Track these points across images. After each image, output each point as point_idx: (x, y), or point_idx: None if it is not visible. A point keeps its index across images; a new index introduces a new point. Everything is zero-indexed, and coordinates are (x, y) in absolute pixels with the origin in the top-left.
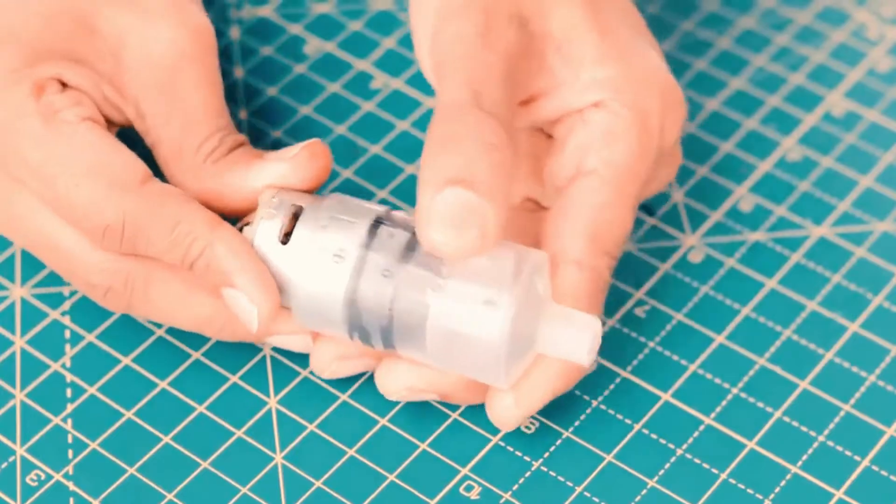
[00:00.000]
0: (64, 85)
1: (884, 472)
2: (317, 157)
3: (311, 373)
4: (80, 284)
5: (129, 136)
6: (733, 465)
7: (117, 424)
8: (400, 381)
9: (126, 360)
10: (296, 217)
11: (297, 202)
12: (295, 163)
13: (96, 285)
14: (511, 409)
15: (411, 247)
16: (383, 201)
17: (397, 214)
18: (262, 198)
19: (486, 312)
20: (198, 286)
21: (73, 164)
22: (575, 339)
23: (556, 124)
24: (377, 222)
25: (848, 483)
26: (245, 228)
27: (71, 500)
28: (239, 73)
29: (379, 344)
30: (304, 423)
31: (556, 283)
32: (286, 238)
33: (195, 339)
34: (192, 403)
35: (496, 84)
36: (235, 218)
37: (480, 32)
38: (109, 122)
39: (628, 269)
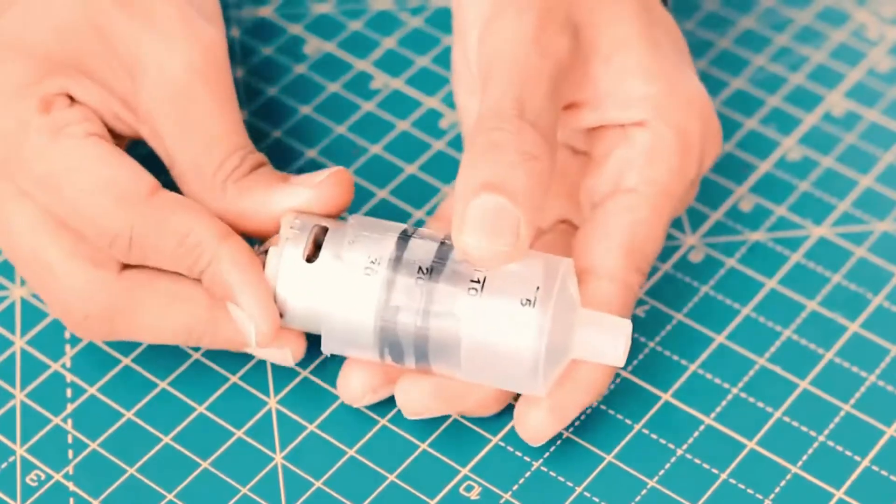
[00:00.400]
0: (72, 100)
1: (884, 472)
2: (341, 186)
3: (312, 372)
4: (59, 307)
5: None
6: (733, 465)
7: (117, 424)
8: (420, 402)
9: (126, 361)
10: (320, 238)
11: (321, 223)
12: (319, 190)
13: (72, 311)
14: (544, 422)
15: (442, 258)
16: (383, 201)
17: (423, 229)
18: (284, 220)
19: (522, 316)
20: (179, 299)
21: (79, 178)
22: (609, 342)
23: (594, 138)
24: (404, 236)
25: (848, 483)
26: (270, 250)
27: (71, 500)
28: (239, 73)
29: (411, 360)
30: (304, 423)
31: (588, 295)
32: (312, 258)
33: None
34: (192, 404)
35: (542, 93)
36: (256, 239)
37: (534, 34)
38: (118, 136)
39: None
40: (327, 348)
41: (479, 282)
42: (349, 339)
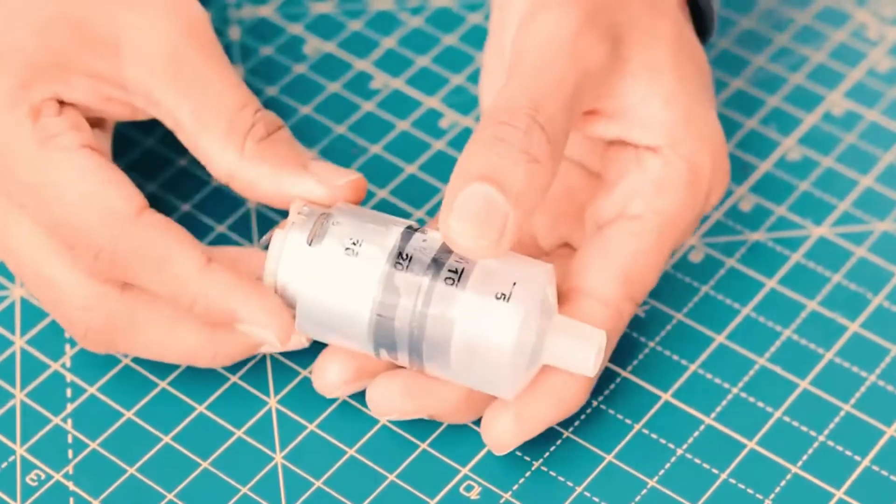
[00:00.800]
0: (62, 103)
1: (884, 472)
2: (357, 193)
3: (312, 373)
4: (62, 320)
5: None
6: (733, 465)
7: (117, 424)
8: (391, 404)
9: (126, 360)
10: (326, 225)
11: (328, 212)
12: (335, 193)
13: (75, 322)
14: (509, 430)
15: (441, 256)
16: (383, 200)
17: (428, 227)
18: (293, 205)
19: (493, 309)
20: (182, 321)
21: (67, 192)
22: (580, 351)
23: (608, 157)
24: (409, 231)
25: (848, 483)
26: (276, 232)
27: (71, 500)
28: (239, 72)
29: (405, 355)
30: (304, 423)
31: (578, 314)
32: (316, 244)
33: None
34: (192, 403)
35: (561, 99)
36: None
37: (573, 36)
38: (117, 122)
39: None
40: (318, 336)
41: (456, 272)
42: (340, 336)
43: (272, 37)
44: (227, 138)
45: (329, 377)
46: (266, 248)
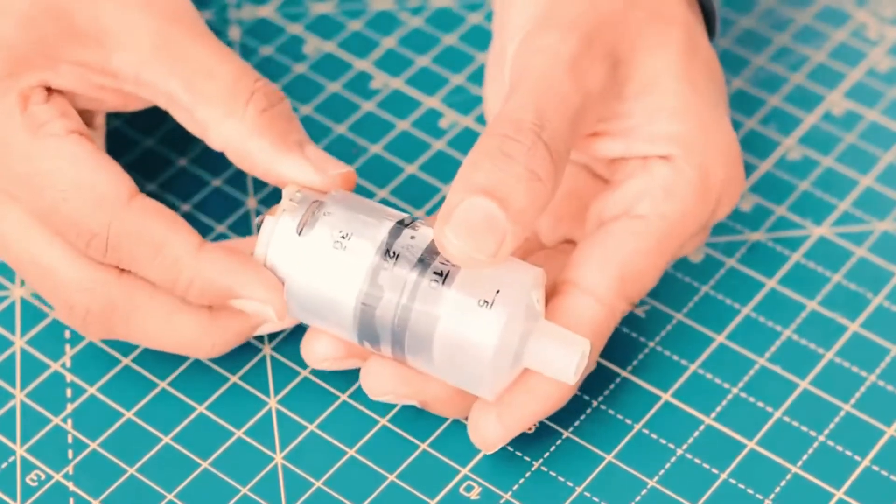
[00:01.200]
0: (50, 90)
1: (884, 472)
2: (346, 185)
3: (312, 373)
4: (61, 306)
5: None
6: (733, 465)
7: (117, 424)
8: (385, 385)
9: (126, 361)
10: (317, 214)
11: (321, 200)
12: (327, 180)
13: (75, 306)
14: (493, 429)
15: (429, 253)
16: (383, 201)
17: (419, 222)
18: (286, 191)
19: (475, 316)
20: (182, 309)
21: (60, 179)
22: (562, 357)
23: (615, 166)
24: (399, 225)
25: (848, 483)
26: (267, 218)
27: (71, 500)
28: None
29: (388, 348)
30: (304, 423)
31: (571, 310)
32: (306, 233)
33: None
34: (192, 403)
35: (564, 117)
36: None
37: (573, 58)
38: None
39: None
40: (305, 321)
41: (441, 274)
42: (325, 323)
43: (272, 37)
44: (226, 105)
45: (318, 349)
46: (259, 227)
